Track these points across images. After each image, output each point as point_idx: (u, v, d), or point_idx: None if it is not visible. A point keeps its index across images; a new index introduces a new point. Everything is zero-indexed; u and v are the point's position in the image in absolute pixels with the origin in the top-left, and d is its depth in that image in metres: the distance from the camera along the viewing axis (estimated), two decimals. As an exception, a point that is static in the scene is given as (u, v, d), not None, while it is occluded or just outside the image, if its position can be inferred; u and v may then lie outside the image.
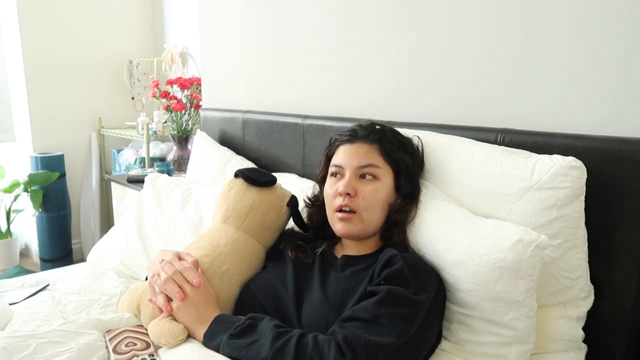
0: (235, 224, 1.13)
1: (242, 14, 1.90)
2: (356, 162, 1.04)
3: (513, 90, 1.18)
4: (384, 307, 0.85)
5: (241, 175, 1.18)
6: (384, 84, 1.46)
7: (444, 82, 1.31)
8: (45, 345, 0.88)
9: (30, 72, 2.94)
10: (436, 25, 1.31)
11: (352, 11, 1.51)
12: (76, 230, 3.24)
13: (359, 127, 1.10)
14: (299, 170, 1.60)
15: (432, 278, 0.94)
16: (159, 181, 1.58)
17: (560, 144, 1.04)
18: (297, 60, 1.71)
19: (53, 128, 3.07)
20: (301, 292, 1.00)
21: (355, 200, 1.02)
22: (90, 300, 1.18)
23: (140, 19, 3.28)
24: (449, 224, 1.00)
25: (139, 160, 2.89)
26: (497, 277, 0.89)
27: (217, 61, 2.07)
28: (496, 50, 1.20)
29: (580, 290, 1.00)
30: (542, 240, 0.88)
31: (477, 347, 0.95)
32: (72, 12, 3.03)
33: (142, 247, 1.41)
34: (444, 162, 1.12)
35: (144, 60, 3.25)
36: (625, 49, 1.00)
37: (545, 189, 0.96)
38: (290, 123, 1.63)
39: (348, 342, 0.80)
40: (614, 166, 0.98)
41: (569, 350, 1.01)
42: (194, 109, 2.60)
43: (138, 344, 0.94)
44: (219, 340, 0.88)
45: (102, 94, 3.21)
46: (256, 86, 1.89)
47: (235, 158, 1.75)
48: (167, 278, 0.97)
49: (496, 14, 1.19)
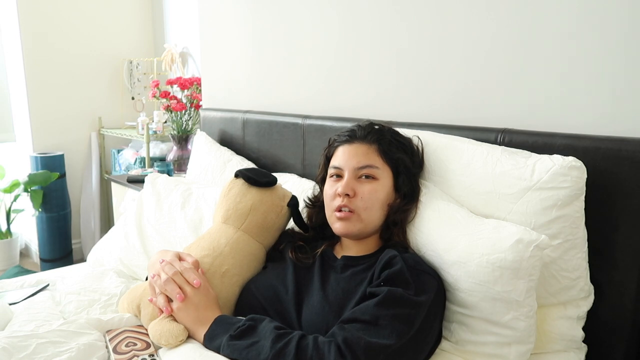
0: (236, 224, 1.13)
1: (242, 14, 1.90)
2: (355, 163, 1.04)
3: (513, 90, 1.18)
4: (384, 309, 0.85)
5: (241, 175, 1.18)
6: (383, 83, 1.46)
7: (444, 82, 1.31)
8: (45, 345, 0.88)
9: (30, 72, 2.94)
10: (436, 24, 1.31)
11: (351, 11, 1.51)
12: (76, 230, 3.24)
13: (357, 127, 1.10)
14: (299, 170, 1.60)
15: (432, 279, 0.94)
16: (159, 181, 1.58)
17: (560, 144, 1.04)
18: (297, 60, 1.71)
19: (53, 128, 3.07)
20: (301, 293, 1.00)
21: (354, 200, 1.02)
22: (90, 300, 1.18)
23: (140, 19, 3.27)
24: (449, 224, 1.00)
25: (139, 160, 2.89)
26: (496, 277, 0.89)
27: (217, 61, 2.07)
28: (496, 50, 1.20)
29: (580, 290, 1.00)
30: (542, 240, 0.88)
31: (477, 347, 0.95)
32: (72, 12, 3.03)
33: (142, 247, 1.41)
34: (444, 162, 1.12)
35: (144, 60, 3.25)
36: (625, 48, 1.00)
37: (545, 189, 0.96)
38: (290, 123, 1.63)
39: (348, 344, 0.80)
40: (614, 166, 0.98)
41: (569, 350, 1.01)
42: (194, 109, 2.60)
43: (138, 344, 0.94)
44: (219, 342, 0.88)
45: (102, 94, 3.21)
46: (256, 86, 1.89)
47: (235, 158, 1.75)
48: (168, 279, 0.97)
49: (496, 13, 1.19)
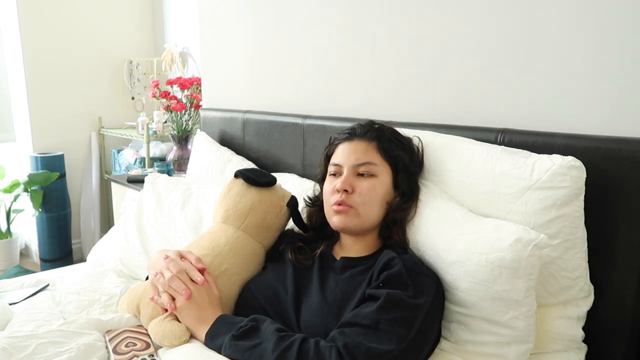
0: (235, 224, 1.13)
1: (242, 14, 1.90)
2: (353, 160, 1.04)
3: (513, 90, 1.18)
4: (383, 313, 0.85)
5: (241, 175, 1.18)
6: (383, 83, 1.46)
7: (444, 82, 1.31)
8: (45, 346, 0.88)
9: (30, 72, 2.94)
10: (436, 25, 1.31)
11: (352, 11, 1.51)
12: (76, 230, 3.24)
13: (357, 125, 1.11)
14: (299, 170, 1.60)
15: (430, 280, 0.94)
16: (159, 181, 1.58)
17: (560, 144, 1.04)
18: (297, 60, 1.71)
19: (53, 128, 3.07)
20: (300, 294, 1.00)
21: (352, 197, 1.02)
22: (90, 300, 1.18)
23: (140, 19, 3.27)
24: (448, 223, 1.00)
25: (139, 160, 2.89)
26: (496, 276, 0.89)
27: (217, 61, 2.07)
28: (496, 49, 1.20)
29: (580, 290, 1.00)
30: (541, 239, 0.88)
31: (477, 346, 0.95)
32: (72, 12, 3.03)
33: (142, 247, 1.41)
34: (444, 161, 1.12)
35: (144, 60, 3.25)
36: (625, 48, 1.00)
37: (544, 188, 0.96)
38: (290, 123, 1.63)
39: (349, 349, 0.80)
40: (614, 166, 0.98)
41: (569, 350, 1.01)
42: (194, 109, 2.60)
43: (138, 344, 0.94)
44: (221, 341, 0.88)
45: (102, 94, 3.21)
46: (256, 86, 1.89)
47: (235, 158, 1.75)
48: (173, 276, 0.97)
49: (496, 13, 1.19)
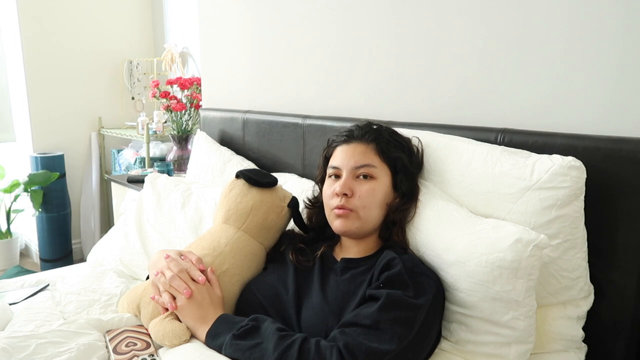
0: (236, 225, 1.13)
1: (241, 14, 1.90)
2: (352, 163, 1.04)
3: (513, 89, 1.18)
4: (384, 313, 0.85)
5: (242, 176, 1.18)
6: (383, 83, 1.46)
7: (444, 82, 1.31)
8: (45, 346, 0.88)
9: (30, 72, 2.94)
10: (435, 24, 1.31)
11: (351, 11, 1.51)
12: (76, 230, 3.25)
13: (355, 127, 1.11)
14: (299, 170, 1.60)
15: (431, 280, 0.94)
16: (159, 181, 1.58)
17: (560, 143, 1.04)
18: (297, 60, 1.71)
19: (53, 128, 3.07)
20: (301, 294, 1.00)
21: (352, 200, 1.02)
22: (90, 300, 1.18)
23: (140, 19, 3.27)
24: (448, 224, 1.00)
25: (139, 160, 2.89)
26: (496, 276, 0.89)
27: (217, 61, 2.07)
28: (495, 49, 1.20)
29: (580, 290, 1.00)
30: (541, 239, 0.88)
31: (477, 346, 0.95)
32: (72, 12, 3.03)
33: (142, 247, 1.41)
34: (444, 162, 1.12)
35: (144, 60, 3.25)
36: (624, 48, 1.00)
37: (544, 188, 0.96)
38: (290, 123, 1.63)
39: (349, 349, 0.80)
40: (614, 166, 0.98)
41: (569, 350, 1.01)
42: (194, 109, 2.60)
43: (138, 344, 0.94)
44: (221, 340, 0.89)
45: (102, 94, 3.21)
46: (256, 86, 1.89)
47: (235, 158, 1.75)
48: (174, 275, 0.98)
49: (495, 13, 1.19)
